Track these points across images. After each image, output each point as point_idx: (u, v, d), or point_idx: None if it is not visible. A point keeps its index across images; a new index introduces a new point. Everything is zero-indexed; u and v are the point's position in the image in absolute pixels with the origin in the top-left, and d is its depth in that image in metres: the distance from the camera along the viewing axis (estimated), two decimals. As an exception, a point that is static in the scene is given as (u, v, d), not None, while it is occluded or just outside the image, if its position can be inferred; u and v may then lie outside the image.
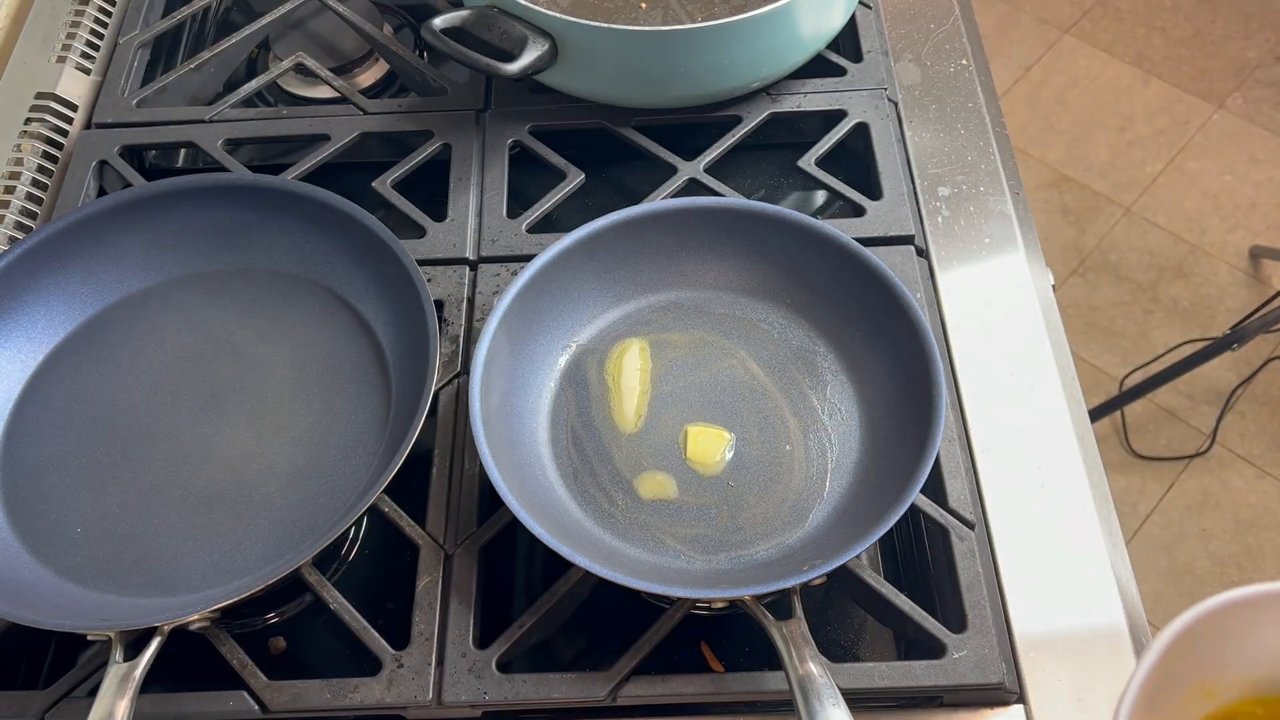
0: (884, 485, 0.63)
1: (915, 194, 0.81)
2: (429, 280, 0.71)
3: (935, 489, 0.67)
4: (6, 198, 0.82)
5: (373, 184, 0.81)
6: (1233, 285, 1.95)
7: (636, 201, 0.75)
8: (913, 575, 0.70)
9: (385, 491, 0.62)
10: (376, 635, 0.62)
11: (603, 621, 0.68)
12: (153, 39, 0.94)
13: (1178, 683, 0.46)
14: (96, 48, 0.94)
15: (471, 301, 0.76)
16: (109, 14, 0.96)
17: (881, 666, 0.60)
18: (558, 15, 0.77)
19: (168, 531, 0.66)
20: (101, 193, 0.85)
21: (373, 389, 0.71)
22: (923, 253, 0.78)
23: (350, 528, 0.61)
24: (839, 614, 0.69)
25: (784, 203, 0.86)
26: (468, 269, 0.77)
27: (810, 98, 0.86)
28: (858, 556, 0.60)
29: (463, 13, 0.80)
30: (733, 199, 0.78)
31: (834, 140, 0.83)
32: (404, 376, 0.70)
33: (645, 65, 0.79)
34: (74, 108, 0.89)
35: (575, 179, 0.81)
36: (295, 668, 0.66)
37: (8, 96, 0.89)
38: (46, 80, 0.89)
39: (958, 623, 0.62)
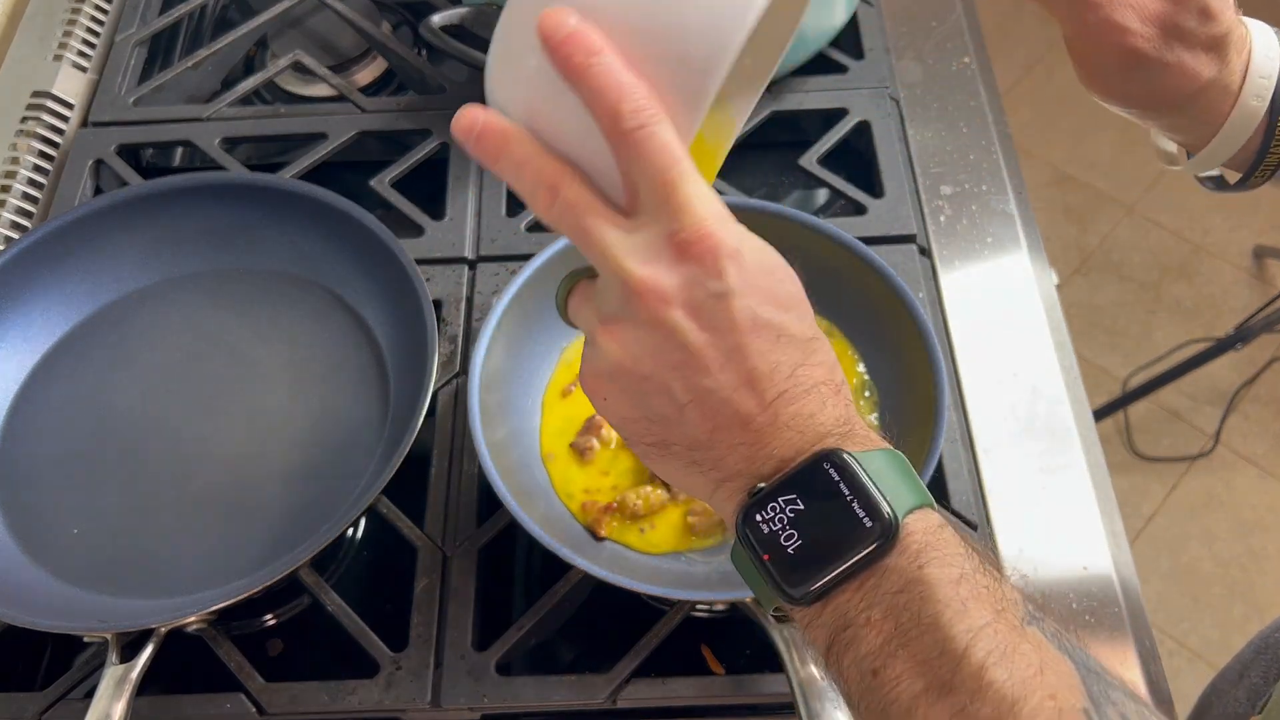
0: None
1: (917, 192, 0.81)
2: (427, 279, 0.71)
3: (938, 489, 0.67)
4: (2, 197, 0.81)
5: (371, 183, 0.81)
6: (1236, 285, 1.95)
7: (636, 200, 0.74)
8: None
9: (383, 493, 0.62)
10: (374, 637, 0.62)
11: (602, 624, 0.67)
12: (149, 37, 0.94)
13: None
14: (93, 46, 0.93)
15: (470, 301, 0.75)
16: (105, 12, 0.96)
17: (883, 669, 0.60)
18: (557, 13, 0.77)
19: (165, 532, 0.65)
20: (98, 192, 0.84)
21: (371, 389, 0.70)
22: (925, 251, 0.77)
23: (348, 529, 0.61)
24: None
25: (785, 201, 0.86)
26: (466, 268, 0.77)
27: (812, 95, 0.85)
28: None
29: (462, 10, 0.80)
30: (733, 198, 0.77)
31: (836, 138, 0.83)
32: (402, 377, 0.69)
33: (645, 63, 0.78)
34: (70, 106, 0.88)
35: (575, 178, 0.81)
36: (293, 670, 0.66)
37: (4, 95, 0.88)
38: (43, 78, 0.88)
39: (960, 625, 0.61)
